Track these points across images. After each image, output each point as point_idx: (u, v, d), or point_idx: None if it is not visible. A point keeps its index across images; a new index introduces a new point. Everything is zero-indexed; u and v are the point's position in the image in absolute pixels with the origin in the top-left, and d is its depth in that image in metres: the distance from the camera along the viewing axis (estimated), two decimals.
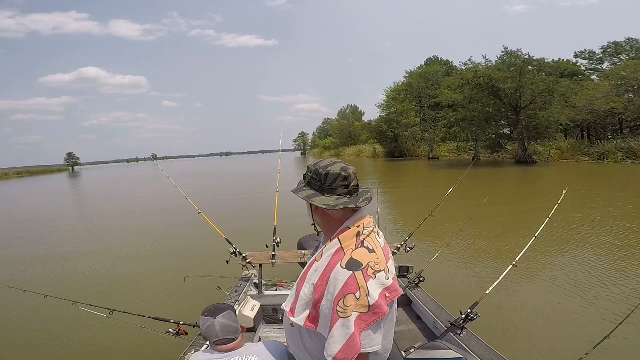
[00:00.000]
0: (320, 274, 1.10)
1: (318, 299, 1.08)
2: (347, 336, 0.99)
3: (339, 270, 1.05)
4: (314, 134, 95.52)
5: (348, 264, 1.05)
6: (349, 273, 1.03)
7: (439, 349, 1.72)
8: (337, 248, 1.11)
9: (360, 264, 1.05)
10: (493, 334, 2.75)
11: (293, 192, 1.21)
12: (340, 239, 1.12)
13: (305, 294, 1.12)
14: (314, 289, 1.10)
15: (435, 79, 37.54)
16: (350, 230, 1.13)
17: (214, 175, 33.76)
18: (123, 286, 5.38)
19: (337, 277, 1.04)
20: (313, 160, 1.20)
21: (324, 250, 1.14)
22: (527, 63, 22.72)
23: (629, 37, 29.80)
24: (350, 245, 1.10)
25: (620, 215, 7.70)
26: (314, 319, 1.09)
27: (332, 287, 1.04)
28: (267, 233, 3.65)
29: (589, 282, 4.41)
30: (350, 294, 1.01)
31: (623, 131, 23.81)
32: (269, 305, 3.06)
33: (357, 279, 1.02)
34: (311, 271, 1.15)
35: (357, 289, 1.01)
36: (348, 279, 1.02)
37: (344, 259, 1.07)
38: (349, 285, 1.01)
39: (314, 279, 1.11)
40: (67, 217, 13.52)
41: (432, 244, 5.81)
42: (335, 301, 1.02)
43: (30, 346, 3.79)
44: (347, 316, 1.00)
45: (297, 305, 1.13)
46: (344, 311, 1.00)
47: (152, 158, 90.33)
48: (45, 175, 64.80)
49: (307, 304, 1.11)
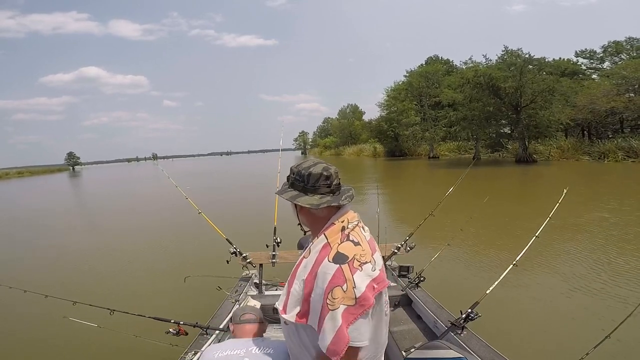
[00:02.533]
0: (309, 269, 1.13)
1: (308, 293, 1.10)
2: (335, 328, 1.01)
3: (326, 264, 1.08)
4: (314, 133, 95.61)
5: (335, 258, 1.07)
6: (336, 266, 1.05)
7: (440, 348, 1.72)
8: (324, 243, 1.14)
9: (346, 256, 1.07)
10: (493, 334, 2.74)
11: (277, 193, 1.25)
12: (326, 235, 1.15)
13: (296, 290, 1.15)
14: (304, 285, 1.12)
15: (435, 78, 37.51)
16: (335, 225, 1.16)
17: (214, 174, 33.78)
18: (123, 286, 5.39)
19: (325, 271, 1.06)
20: (295, 162, 1.22)
21: (312, 247, 1.17)
22: (528, 62, 22.66)
23: (630, 36, 29.77)
24: (336, 239, 1.13)
25: (620, 215, 7.70)
26: (304, 314, 1.11)
27: (321, 280, 1.06)
28: (267, 233, 3.64)
29: (590, 281, 4.41)
30: (338, 286, 1.03)
31: (624, 130, 23.75)
32: (269, 305, 3.05)
33: (344, 271, 1.05)
34: (300, 268, 1.17)
35: (344, 282, 1.03)
36: (335, 272, 1.05)
37: (330, 253, 1.09)
38: (336, 278, 1.04)
39: (303, 275, 1.14)
40: (66, 217, 13.54)
41: (433, 244, 5.81)
42: (324, 294, 1.04)
43: (30, 346, 3.80)
44: (335, 308, 1.02)
45: (289, 303, 1.16)
46: (332, 304, 1.02)
47: (153, 157, 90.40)
48: (46, 175, 64.80)
49: (298, 300, 1.13)
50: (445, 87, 32.25)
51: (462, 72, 27.58)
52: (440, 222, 3.79)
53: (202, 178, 28.98)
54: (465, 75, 26.00)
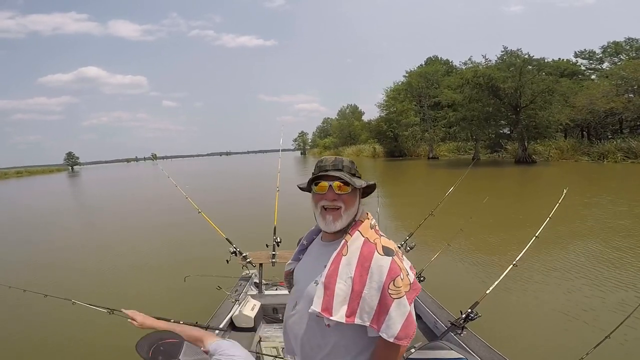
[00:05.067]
0: (354, 266, 1.11)
1: (359, 290, 1.09)
2: (405, 314, 1.07)
3: (378, 257, 1.10)
4: (313, 134, 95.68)
5: (384, 251, 1.12)
6: (389, 258, 1.10)
7: (440, 348, 1.72)
8: (363, 240, 1.16)
9: (392, 249, 1.13)
10: (493, 334, 2.74)
11: (357, 187, 1.18)
12: (361, 231, 1.18)
13: (342, 289, 1.10)
14: (352, 282, 1.10)
15: (435, 79, 37.54)
16: (364, 222, 1.21)
17: (214, 174, 33.75)
18: (123, 285, 5.38)
19: (380, 264, 1.09)
20: (331, 157, 1.20)
21: (349, 244, 1.16)
22: (527, 62, 22.74)
23: (629, 37, 29.79)
24: (372, 235, 1.17)
25: (621, 216, 7.71)
26: (352, 312, 1.09)
27: (377, 274, 1.08)
28: (267, 232, 3.65)
29: (590, 281, 4.41)
30: (397, 276, 1.08)
31: (623, 131, 23.81)
32: (269, 305, 3.06)
33: (397, 262, 1.11)
34: (342, 266, 1.13)
35: (399, 271, 1.09)
36: (391, 264, 1.09)
37: (378, 247, 1.13)
38: (393, 269, 1.09)
39: (349, 273, 1.11)
40: (66, 216, 13.52)
41: (433, 244, 5.80)
42: (384, 286, 1.07)
43: (30, 346, 3.79)
44: (401, 296, 1.07)
45: (335, 303, 1.09)
46: (397, 292, 1.07)
47: (152, 157, 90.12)
48: (45, 175, 64.69)
49: (345, 298, 1.10)
50: (444, 87, 32.23)
51: (462, 73, 27.61)
52: (440, 222, 3.79)
53: (202, 178, 28.96)
54: (464, 75, 26.05)
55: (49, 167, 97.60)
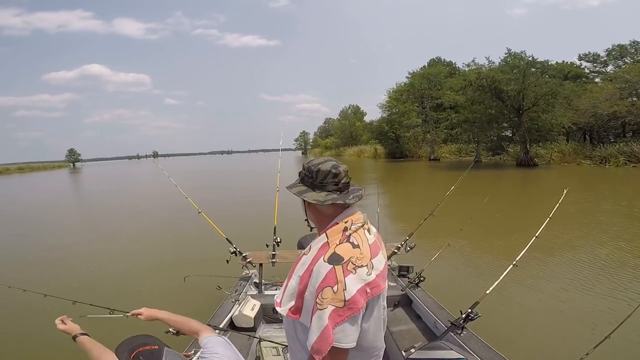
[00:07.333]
0: (306, 266, 1.14)
1: (302, 290, 1.12)
2: (321, 328, 1.02)
3: (321, 263, 1.08)
4: (315, 134, 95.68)
5: (330, 258, 1.08)
6: (330, 267, 1.06)
7: (440, 348, 1.72)
8: (323, 242, 1.15)
9: (342, 258, 1.07)
10: (493, 334, 2.73)
11: (287, 188, 1.25)
12: (327, 234, 1.15)
13: (292, 285, 1.16)
14: (299, 281, 1.14)
15: (437, 80, 37.45)
16: (338, 225, 1.16)
17: (215, 173, 33.78)
18: (123, 285, 5.38)
19: (319, 270, 1.07)
20: (295, 162, 1.22)
21: (313, 244, 1.19)
22: (531, 65, 22.63)
23: (634, 40, 29.54)
24: (336, 239, 1.13)
25: (621, 217, 7.69)
26: (297, 310, 1.13)
27: (314, 279, 1.07)
28: (267, 232, 3.65)
29: (590, 282, 4.40)
30: (328, 287, 1.03)
31: (626, 135, 23.68)
32: (269, 305, 3.05)
33: (337, 272, 1.05)
34: (299, 264, 1.19)
35: (335, 283, 1.03)
36: (328, 272, 1.05)
37: (327, 253, 1.10)
38: (328, 278, 1.04)
39: (300, 272, 1.15)
40: (66, 216, 13.56)
41: (433, 244, 5.79)
42: (316, 293, 1.05)
43: (30, 346, 3.80)
44: (323, 308, 1.03)
45: (284, 296, 1.18)
46: (321, 303, 1.03)
47: (153, 155, 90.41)
48: (46, 171, 64.81)
49: (293, 295, 1.15)
50: (447, 89, 32.20)
51: (465, 75, 27.55)
52: (441, 223, 3.79)
53: (203, 177, 29.00)
54: (467, 77, 25.97)
55: (51, 163, 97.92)
